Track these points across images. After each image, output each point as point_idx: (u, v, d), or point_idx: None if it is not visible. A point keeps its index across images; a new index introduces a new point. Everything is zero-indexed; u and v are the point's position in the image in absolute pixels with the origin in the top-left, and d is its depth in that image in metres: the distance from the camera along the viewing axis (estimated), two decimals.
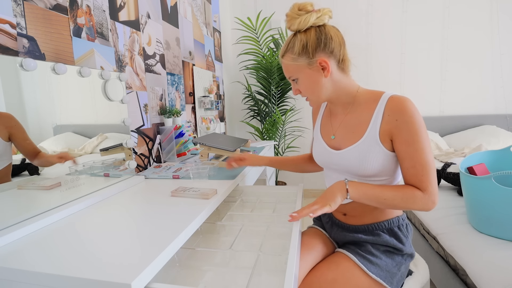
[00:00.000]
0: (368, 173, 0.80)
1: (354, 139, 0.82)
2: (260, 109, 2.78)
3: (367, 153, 0.79)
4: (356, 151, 0.80)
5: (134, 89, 1.41)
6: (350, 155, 0.82)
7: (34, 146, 0.84)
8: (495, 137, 2.45)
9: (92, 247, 0.63)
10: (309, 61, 0.79)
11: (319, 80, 0.81)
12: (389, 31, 2.81)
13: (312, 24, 0.78)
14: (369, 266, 0.79)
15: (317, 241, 0.91)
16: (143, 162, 1.44)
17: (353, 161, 0.81)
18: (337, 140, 0.87)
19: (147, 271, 0.53)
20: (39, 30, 0.92)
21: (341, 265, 0.81)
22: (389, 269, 0.81)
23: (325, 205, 0.74)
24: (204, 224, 0.97)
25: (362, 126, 0.81)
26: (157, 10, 1.65)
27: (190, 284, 0.69)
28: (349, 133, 0.84)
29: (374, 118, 0.79)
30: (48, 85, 0.88)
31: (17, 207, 0.77)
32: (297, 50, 0.80)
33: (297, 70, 0.82)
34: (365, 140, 0.79)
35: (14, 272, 0.56)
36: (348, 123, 0.86)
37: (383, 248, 0.84)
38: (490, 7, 2.64)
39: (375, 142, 0.78)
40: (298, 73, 0.82)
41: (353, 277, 0.78)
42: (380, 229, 0.85)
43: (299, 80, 0.83)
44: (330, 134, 0.91)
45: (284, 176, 3.19)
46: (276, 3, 2.94)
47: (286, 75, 0.86)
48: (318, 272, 0.80)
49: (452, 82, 2.78)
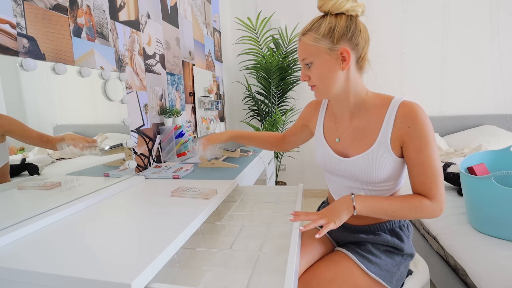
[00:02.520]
0: (376, 180, 0.78)
1: (364, 147, 0.79)
2: (260, 109, 2.78)
3: (377, 160, 0.76)
4: (365, 159, 0.78)
5: (134, 89, 1.41)
6: (359, 163, 0.79)
7: (37, 132, 0.83)
8: (495, 137, 2.45)
9: (92, 247, 0.63)
10: (331, 47, 0.74)
11: (335, 70, 0.76)
12: (389, 31, 2.81)
13: (345, 11, 0.74)
14: (368, 265, 0.79)
15: (315, 240, 0.91)
16: (143, 162, 1.44)
17: (362, 169, 0.78)
18: (343, 146, 0.84)
19: (147, 271, 0.53)
20: (39, 30, 0.92)
21: (340, 264, 0.80)
22: (388, 268, 0.81)
23: (330, 222, 0.73)
24: (204, 224, 0.97)
25: (372, 132, 0.79)
26: (157, 10, 1.65)
27: (190, 284, 0.69)
28: (358, 140, 0.81)
29: (385, 124, 0.76)
30: (48, 85, 0.88)
31: (17, 207, 0.77)
32: (322, 31, 0.74)
33: (315, 52, 0.76)
34: (376, 147, 0.77)
35: (14, 272, 0.56)
36: (356, 129, 0.82)
37: (383, 248, 0.84)
38: (490, 7, 2.64)
39: (386, 149, 0.76)
40: (315, 57, 0.76)
41: (352, 276, 0.78)
42: (382, 229, 0.85)
43: (314, 64, 0.77)
44: (334, 137, 0.87)
45: (284, 176, 3.19)
46: (276, 3, 2.94)
47: (301, 56, 0.79)
48: (317, 271, 0.80)
49: (452, 82, 2.78)
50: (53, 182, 0.88)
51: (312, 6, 2.88)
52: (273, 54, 2.58)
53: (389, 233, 0.84)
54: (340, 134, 0.85)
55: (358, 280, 0.78)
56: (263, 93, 2.86)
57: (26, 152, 0.82)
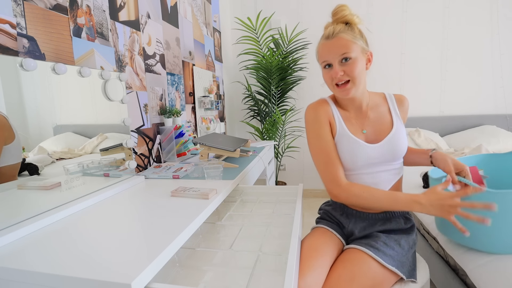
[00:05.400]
0: (403, 152, 0.93)
1: (387, 129, 0.94)
2: (260, 109, 2.78)
3: (400, 134, 0.93)
4: (393, 137, 0.92)
5: (134, 89, 1.41)
6: (392, 141, 0.92)
7: None
8: (495, 137, 2.45)
9: (92, 247, 0.63)
10: (364, 48, 0.87)
11: (365, 68, 0.89)
12: (389, 31, 2.81)
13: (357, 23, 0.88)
14: (383, 257, 0.82)
15: (326, 243, 0.89)
16: (143, 162, 1.44)
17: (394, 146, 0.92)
18: (370, 135, 0.95)
19: (147, 271, 0.53)
20: (39, 30, 0.92)
21: (355, 261, 0.82)
22: (399, 258, 0.84)
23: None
24: (204, 224, 0.97)
25: (386, 117, 0.95)
26: (157, 10, 1.65)
27: (190, 284, 0.69)
28: (379, 126, 0.95)
29: (392, 109, 0.97)
30: (48, 85, 0.88)
31: (17, 207, 0.77)
32: (357, 33, 0.86)
33: (355, 49, 0.85)
34: (396, 126, 0.94)
35: (14, 272, 0.56)
36: (373, 119, 0.96)
37: (395, 237, 0.88)
38: (490, 7, 2.64)
39: (401, 124, 0.95)
40: (355, 53, 0.85)
41: (370, 270, 0.80)
42: (395, 216, 0.94)
43: (352, 60, 0.85)
44: (359, 130, 0.95)
45: (284, 176, 3.19)
46: (276, 3, 2.94)
47: (341, 51, 0.84)
48: (335, 274, 0.80)
49: (452, 82, 2.78)
50: (53, 182, 0.88)
51: (312, 6, 2.88)
52: (273, 54, 2.58)
53: (402, 218, 0.95)
54: (365, 127, 0.96)
55: (375, 274, 0.80)
56: (263, 93, 2.86)
57: (26, 152, 0.82)
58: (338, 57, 0.85)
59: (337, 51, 0.84)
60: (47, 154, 0.89)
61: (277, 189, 1.19)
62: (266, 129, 2.64)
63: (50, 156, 0.90)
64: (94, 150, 1.05)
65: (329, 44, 0.85)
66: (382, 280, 0.80)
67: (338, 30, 0.85)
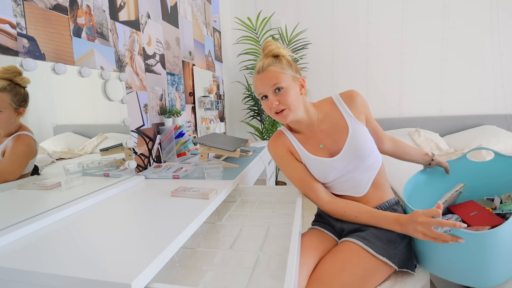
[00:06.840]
0: (368, 150, 0.92)
1: (344, 134, 0.94)
2: (260, 109, 2.78)
3: (360, 134, 0.93)
4: (353, 140, 0.93)
5: (134, 89, 1.41)
6: (352, 145, 0.92)
7: None
8: (495, 137, 2.44)
9: (92, 247, 0.63)
10: (294, 76, 0.92)
11: (299, 94, 0.93)
12: (389, 31, 2.81)
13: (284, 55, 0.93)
14: (373, 247, 0.82)
15: (317, 239, 0.93)
16: (143, 162, 1.44)
17: (356, 148, 0.92)
18: (328, 147, 0.96)
19: (147, 271, 0.53)
20: (39, 30, 0.92)
21: (347, 252, 0.83)
22: (390, 249, 0.84)
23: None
24: (204, 224, 0.97)
25: (339, 122, 0.96)
26: (157, 10, 1.65)
27: (190, 284, 0.69)
28: (335, 135, 0.96)
29: (343, 111, 0.96)
30: (48, 85, 0.88)
31: (17, 207, 0.77)
32: (285, 64, 0.91)
33: (285, 79, 0.89)
34: (352, 127, 0.94)
35: (14, 272, 0.56)
36: (326, 130, 0.97)
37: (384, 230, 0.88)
38: (490, 7, 2.64)
39: (357, 124, 0.95)
40: (285, 82, 0.89)
41: (361, 260, 0.81)
42: (383, 209, 0.94)
43: (284, 89, 0.89)
44: (317, 147, 0.97)
45: (284, 176, 3.19)
46: (276, 3, 2.94)
47: (271, 82, 0.89)
48: (326, 265, 0.82)
49: (452, 82, 2.78)
50: (53, 182, 0.88)
51: (312, 6, 2.88)
52: None
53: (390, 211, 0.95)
54: (321, 141, 0.97)
55: (366, 264, 0.80)
56: None
57: None
58: (270, 88, 0.90)
59: (268, 82, 0.89)
60: (47, 154, 0.89)
61: (277, 189, 1.19)
62: (266, 129, 2.64)
63: (50, 156, 0.90)
64: (94, 150, 1.05)
65: (261, 77, 0.91)
66: (373, 270, 0.81)
67: (267, 63, 0.90)
